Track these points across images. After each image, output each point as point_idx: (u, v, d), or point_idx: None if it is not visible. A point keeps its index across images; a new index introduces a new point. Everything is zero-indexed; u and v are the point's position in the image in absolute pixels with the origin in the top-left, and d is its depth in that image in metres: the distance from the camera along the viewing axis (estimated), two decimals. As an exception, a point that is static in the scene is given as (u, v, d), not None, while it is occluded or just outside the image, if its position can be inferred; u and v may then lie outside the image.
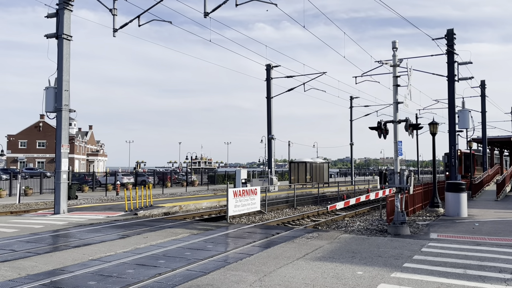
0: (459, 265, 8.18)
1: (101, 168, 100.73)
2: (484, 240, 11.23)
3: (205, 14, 19.22)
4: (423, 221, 15.53)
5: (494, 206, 20.32)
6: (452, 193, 16.94)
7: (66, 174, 17.90)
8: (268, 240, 11.22)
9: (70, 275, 7.45)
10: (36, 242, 10.85)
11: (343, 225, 16.36)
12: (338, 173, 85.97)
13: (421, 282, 7.01)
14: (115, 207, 20.00)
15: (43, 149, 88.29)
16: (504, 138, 35.44)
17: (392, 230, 12.43)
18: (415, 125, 13.61)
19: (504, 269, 7.89)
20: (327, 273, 7.55)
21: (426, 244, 10.51)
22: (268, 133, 35.94)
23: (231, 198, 16.43)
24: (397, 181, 12.74)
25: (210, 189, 39.80)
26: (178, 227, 13.67)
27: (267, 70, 35.49)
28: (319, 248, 9.86)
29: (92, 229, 13.11)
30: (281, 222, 18.03)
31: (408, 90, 13.31)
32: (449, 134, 21.19)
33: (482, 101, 35.48)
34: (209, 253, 9.41)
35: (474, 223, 14.48)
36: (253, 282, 6.97)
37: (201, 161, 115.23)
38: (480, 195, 26.41)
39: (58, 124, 17.79)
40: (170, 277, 7.32)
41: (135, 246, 10.16)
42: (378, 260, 8.66)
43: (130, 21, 20.25)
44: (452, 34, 20.77)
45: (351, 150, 52.35)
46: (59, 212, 17.39)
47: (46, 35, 18.00)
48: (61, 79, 17.65)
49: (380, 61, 14.45)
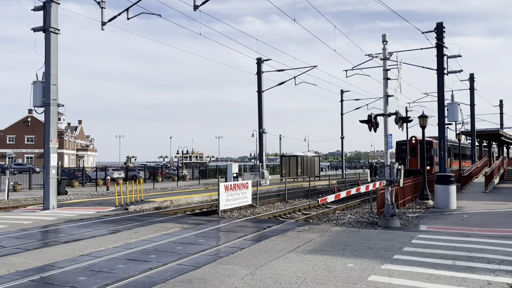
0: (449, 257, 8.27)
1: (91, 163, 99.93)
2: (472, 231, 11.37)
3: (195, 7, 19.08)
4: (413, 213, 15.67)
5: (483, 198, 20.58)
6: (441, 185, 17.11)
7: (55, 169, 17.73)
8: (259, 233, 11.23)
9: (60, 271, 7.39)
10: (25, 238, 10.74)
11: (334, 218, 16.45)
12: (329, 167, 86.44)
13: (411, 273, 7.07)
14: (106, 202, 19.88)
15: (31, 144, 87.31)
16: (492, 131, 35.78)
17: (383, 222, 12.52)
18: (405, 118, 13.68)
19: (492, 260, 7.99)
20: (318, 266, 7.58)
21: (416, 236, 10.61)
22: (259, 127, 35.92)
23: (222, 192, 16.41)
24: (387, 174, 12.82)
25: (201, 183, 39.74)
26: (169, 221, 13.63)
27: (258, 64, 35.40)
28: (310, 241, 9.90)
29: (82, 225, 13.02)
30: (272, 215, 18.08)
31: (398, 83, 13.36)
32: (439, 127, 21.35)
33: (471, 94, 35.80)
34: (200, 247, 9.39)
35: (463, 215, 14.65)
36: (244, 275, 6.98)
37: (192, 156, 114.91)
38: (469, 187, 26.73)
39: (47, 119, 17.57)
40: (161, 271, 7.30)
41: (126, 241, 10.11)
42: (368, 252, 8.72)
43: (119, 14, 20.01)
44: (441, 27, 20.86)
45: (341, 144, 52.54)
46: (49, 208, 17.23)
47: (33, 29, 17.71)
48: (49, 73, 17.41)
49: (371, 54, 14.47)
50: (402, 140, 36.55)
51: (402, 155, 35.87)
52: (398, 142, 36.90)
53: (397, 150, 36.38)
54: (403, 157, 35.45)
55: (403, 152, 35.84)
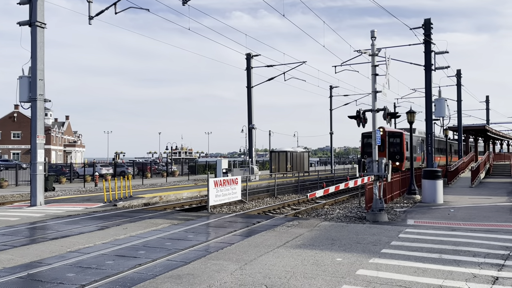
0: (435, 250, 8.40)
1: (79, 159, 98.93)
2: (459, 225, 11.55)
3: (184, 2, 18.94)
4: (400, 208, 15.85)
5: (469, 193, 20.88)
6: (428, 180, 17.33)
7: (42, 166, 17.53)
8: (249, 229, 11.26)
9: (48, 267, 7.33)
10: (12, 234, 10.62)
11: (323, 213, 16.56)
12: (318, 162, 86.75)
13: (398, 267, 7.17)
14: (94, 199, 19.73)
15: (18, 140, 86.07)
16: (478, 126, 36.26)
17: (371, 217, 12.65)
18: (393, 113, 13.80)
19: (478, 253, 8.14)
20: (307, 260, 7.64)
21: (403, 230, 10.73)
22: (249, 123, 35.90)
23: (212, 188, 16.40)
24: (375, 169, 12.94)
25: (191, 179, 39.63)
26: (159, 217, 13.59)
27: (247, 59, 35.32)
28: (299, 236, 9.96)
29: (70, 221, 12.91)
30: (262, 211, 18.13)
31: (387, 79, 13.46)
32: (426, 122, 21.57)
33: (458, 90, 36.19)
34: (190, 243, 9.39)
35: (450, 209, 14.86)
36: (234, 270, 7.00)
37: (182, 151, 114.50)
38: (455, 182, 27.09)
39: (33, 115, 17.34)
40: (151, 267, 7.29)
41: (115, 237, 10.06)
42: (357, 246, 8.81)
43: (107, 9, 19.77)
44: (429, 24, 21.02)
45: (331, 139, 52.83)
46: (36, 204, 17.05)
47: (19, 23, 17.43)
48: (35, 68, 17.17)
49: (359, 50, 14.55)
50: (368, 131, 30.54)
51: (368, 149, 29.80)
52: (364, 134, 31.63)
53: (363, 143, 31.66)
54: (369, 151, 29.06)
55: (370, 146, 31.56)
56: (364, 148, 31.24)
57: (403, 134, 30.47)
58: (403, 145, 30.28)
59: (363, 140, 31.42)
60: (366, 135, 30.70)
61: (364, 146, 31.24)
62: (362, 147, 31.70)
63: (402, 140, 30.33)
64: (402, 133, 30.63)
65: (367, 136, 30.33)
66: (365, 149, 30.68)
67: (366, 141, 30.68)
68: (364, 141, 31.20)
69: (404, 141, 30.33)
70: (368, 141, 30.25)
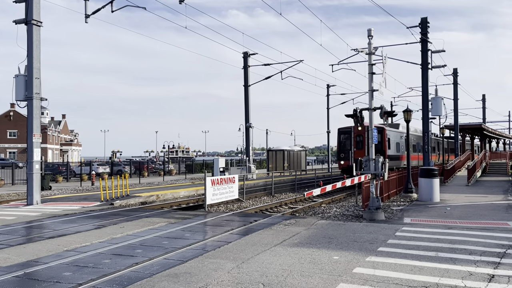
0: (432, 248, 8.43)
1: (76, 158, 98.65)
2: (455, 223, 11.59)
3: (180, 0, 18.89)
4: (397, 206, 15.89)
5: (465, 191, 20.96)
6: (425, 178, 17.39)
7: (38, 164, 17.46)
8: (246, 227, 11.27)
9: (45, 266, 7.32)
10: (8, 234, 10.59)
11: (320, 212, 16.58)
12: (315, 161, 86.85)
13: (395, 265, 7.19)
14: (91, 197, 19.69)
15: (14, 139, 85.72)
16: (475, 125, 36.39)
17: (368, 215, 12.68)
18: (390, 112, 13.84)
19: (474, 251, 8.17)
20: (304, 259, 7.65)
21: (400, 228, 10.77)
22: (246, 122, 35.88)
23: (209, 187, 16.39)
24: (372, 168, 12.97)
25: (188, 178, 39.61)
26: (156, 216, 13.57)
27: (245, 58, 35.28)
28: (296, 235, 9.97)
29: (66, 220, 12.88)
30: (259, 209, 18.13)
31: (383, 78, 13.49)
32: (423, 121, 21.63)
33: (454, 89, 36.28)
34: (187, 241, 9.39)
35: (446, 208, 14.92)
36: (231, 269, 7.00)
37: (179, 150, 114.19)
38: (452, 180, 27.18)
39: (29, 113, 17.28)
40: (148, 266, 7.28)
41: (111, 236, 10.04)
42: (353, 245, 8.83)
43: (103, 7, 19.71)
44: (426, 22, 21.06)
45: (328, 138, 52.81)
46: (32, 203, 16.99)
47: (15, 21, 17.34)
48: (32, 66, 17.09)
49: (356, 49, 14.55)
50: (345, 127, 28.47)
51: (345, 147, 28.18)
52: (340, 129, 28.83)
53: (339, 140, 28.74)
54: (346, 149, 28.03)
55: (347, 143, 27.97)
56: (340, 146, 28.59)
57: (385, 129, 27.37)
58: (385, 142, 27.19)
59: (339, 136, 28.73)
60: (343, 131, 28.36)
61: (340, 143, 28.63)
62: (338, 144, 29.10)
63: (383, 136, 27.08)
64: (384, 128, 27.32)
65: (344, 132, 28.24)
66: (342, 147, 28.16)
67: (343, 138, 28.36)
68: (341, 137, 28.66)
69: (386, 137, 27.26)
70: (345, 137, 28.06)
